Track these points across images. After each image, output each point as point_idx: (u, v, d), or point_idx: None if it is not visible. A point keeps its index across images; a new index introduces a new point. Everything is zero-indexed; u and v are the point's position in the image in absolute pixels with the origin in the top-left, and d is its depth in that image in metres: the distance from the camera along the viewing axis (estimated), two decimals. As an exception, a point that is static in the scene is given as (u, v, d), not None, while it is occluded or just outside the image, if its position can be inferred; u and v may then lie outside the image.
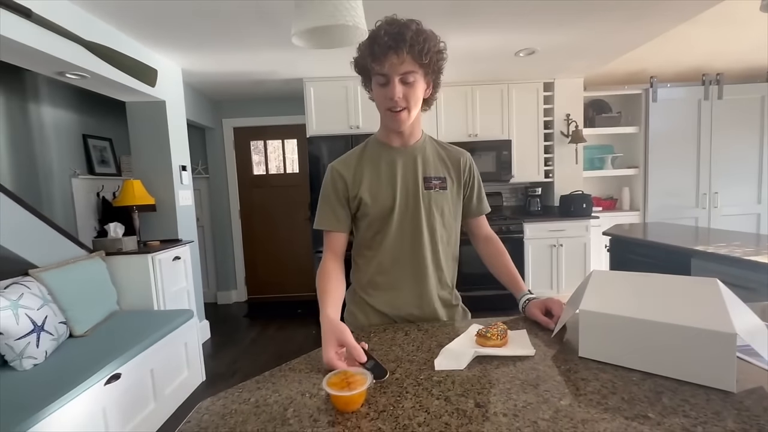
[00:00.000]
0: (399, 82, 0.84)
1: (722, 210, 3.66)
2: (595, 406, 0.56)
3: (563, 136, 3.54)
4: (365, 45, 0.86)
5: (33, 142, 2.63)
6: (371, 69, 0.86)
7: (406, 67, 0.83)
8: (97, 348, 1.69)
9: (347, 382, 0.59)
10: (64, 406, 1.32)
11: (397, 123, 0.90)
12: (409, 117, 0.90)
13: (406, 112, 0.88)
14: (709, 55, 3.36)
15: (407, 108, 0.88)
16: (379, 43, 0.82)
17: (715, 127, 3.59)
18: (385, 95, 0.87)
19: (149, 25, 2.10)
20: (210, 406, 0.61)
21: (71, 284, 1.87)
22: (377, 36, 0.83)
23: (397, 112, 0.88)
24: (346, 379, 0.59)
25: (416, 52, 0.82)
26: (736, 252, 1.66)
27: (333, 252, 0.95)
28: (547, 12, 2.19)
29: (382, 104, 0.89)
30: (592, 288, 0.74)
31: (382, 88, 0.87)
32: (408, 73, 0.84)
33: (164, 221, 2.68)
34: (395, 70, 0.83)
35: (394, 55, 0.82)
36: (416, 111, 0.91)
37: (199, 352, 2.32)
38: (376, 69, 0.85)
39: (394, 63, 0.82)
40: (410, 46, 0.82)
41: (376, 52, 0.83)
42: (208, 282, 3.98)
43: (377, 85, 0.88)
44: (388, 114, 0.89)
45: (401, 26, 0.82)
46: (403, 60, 0.82)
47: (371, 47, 0.84)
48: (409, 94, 0.86)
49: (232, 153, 3.92)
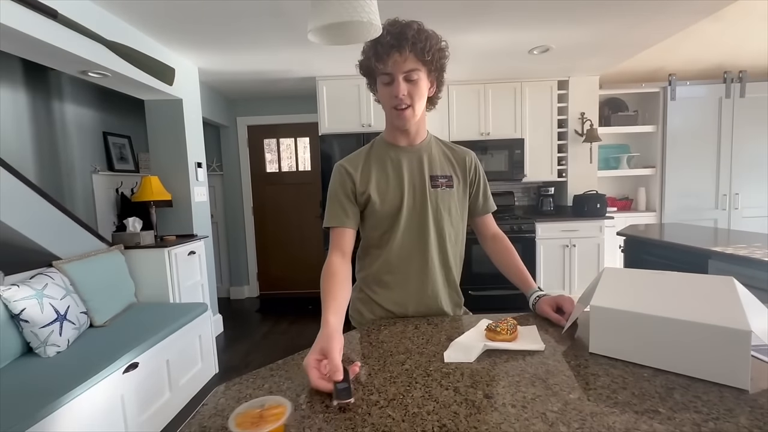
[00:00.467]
0: (403, 80, 0.87)
1: (743, 212, 3.55)
2: (604, 401, 0.56)
3: (577, 135, 3.49)
4: (369, 46, 0.88)
5: (56, 138, 2.73)
6: (375, 69, 0.88)
7: (409, 64, 0.86)
8: (116, 338, 1.74)
9: (260, 416, 0.49)
10: (86, 392, 1.37)
11: (403, 121, 0.91)
12: (414, 114, 0.91)
13: (411, 110, 0.90)
14: (730, 52, 3.27)
15: (412, 105, 0.89)
16: (382, 42, 0.85)
17: (736, 126, 3.49)
18: (390, 94, 0.89)
19: (168, 25, 2.16)
20: (226, 391, 0.63)
21: (92, 276, 1.93)
22: (380, 37, 0.84)
23: (402, 109, 0.89)
24: (262, 412, 0.50)
25: (418, 49, 0.85)
26: (756, 253, 1.62)
27: (340, 250, 0.90)
28: (562, 9, 2.16)
29: (388, 103, 0.91)
30: (604, 284, 0.74)
31: (386, 87, 0.89)
32: (411, 71, 0.86)
33: (180, 217, 2.75)
34: (399, 68, 0.86)
35: (396, 53, 0.84)
36: (421, 109, 0.92)
37: (212, 344, 2.37)
38: (380, 68, 0.87)
39: (398, 61, 0.85)
40: (412, 44, 0.84)
41: (379, 51, 0.85)
42: (221, 277, 4.05)
43: (382, 84, 0.90)
44: (394, 112, 0.91)
45: (403, 26, 0.85)
46: (406, 58, 0.85)
47: (374, 48, 0.86)
48: (413, 91, 0.88)
49: (245, 151, 3.99)
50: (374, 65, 0.88)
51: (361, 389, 0.62)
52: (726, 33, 2.90)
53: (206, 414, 0.57)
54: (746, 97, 3.46)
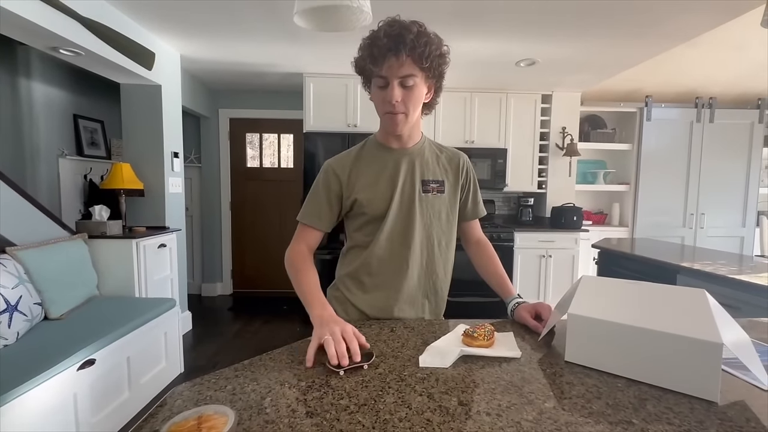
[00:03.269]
0: (398, 85, 0.83)
1: (708, 231, 3.73)
2: (579, 410, 0.55)
3: (558, 148, 3.58)
4: (365, 45, 0.84)
5: (21, 118, 2.56)
6: (370, 71, 0.85)
7: (406, 70, 0.82)
8: (72, 332, 1.63)
9: (198, 428, 0.45)
10: (33, 390, 1.27)
11: (395, 126, 0.88)
12: (407, 121, 0.88)
13: (404, 116, 0.87)
14: (703, 79, 3.44)
15: (405, 112, 0.86)
16: (378, 45, 0.80)
17: (705, 150, 3.67)
18: (383, 98, 0.85)
19: (151, 6, 2.07)
20: (184, 392, 0.59)
21: (50, 265, 1.81)
22: (377, 37, 0.81)
23: (394, 115, 0.86)
24: (200, 424, 0.45)
25: (416, 55, 0.80)
26: (721, 270, 1.68)
27: (306, 244, 0.96)
28: (550, 25, 2.22)
29: (381, 107, 0.88)
30: (581, 293, 0.74)
31: (380, 91, 0.86)
32: (407, 77, 0.82)
33: (152, 207, 2.63)
34: (394, 73, 0.82)
35: (393, 58, 0.80)
36: (415, 115, 0.89)
37: (179, 342, 2.27)
38: (374, 71, 0.84)
39: (393, 66, 0.81)
40: (410, 49, 0.80)
41: (375, 54, 0.81)
42: (193, 273, 3.91)
43: (376, 87, 0.87)
44: (386, 117, 0.88)
45: (402, 28, 0.80)
46: (402, 63, 0.81)
47: (370, 48, 0.82)
48: (408, 97, 0.85)
49: (226, 143, 3.87)
50: (368, 67, 0.84)
51: (331, 393, 0.58)
52: (700, 60, 3.05)
53: (160, 417, 0.52)
54: (715, 123, 3.65)
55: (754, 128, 3.68)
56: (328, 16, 0.68)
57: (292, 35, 2.40)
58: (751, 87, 3.57)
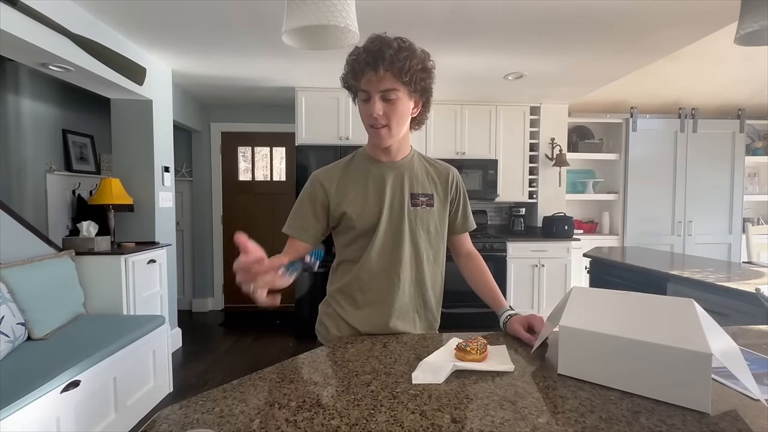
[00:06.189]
0: (379, 99, 0.84)
1: (696, 238, 3.79)
2: (572, 425, 0.54)
3: (548, 159, 3.63)
4: (348, 62, 0.87)
5: (8, 133, 2.53)
6: (353, 85, 0.87)
7: (386, 84, 0.83)
8: (57, 352, 1.58)
9: None
10: (13, 414, 1.22)
11: (379, 140, 0.89)
12: (391, 134, 0.89)
13: (387, 130, 0.87)
14: (685, 90, 3.55)
15: (388, 125, 0.87)
16: (359, 60, 0.83)
17: (690, 159, 3.75)
18: (366, 111, 0.87)
19: (141, 23, 2.08)
20: (170, 415, 0.57)
21: (34, 283, 1.77)
22: (358, 53, 0.84)
23: (377, 128, 0.87)
24: None
25: (396, 69, 0.82)
26: (709, 278, 1.71)
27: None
28: (535, 40, 2.28)
29: (365, 120, 0.89)
30: (572, 304, 0.74)
31: (364, 104, 0.88)
32: (388, 91, 0.84)
33: (142, 223, 2.59)
34: (374, 87, 0.83)
35: (371, 72, 0.82)
36: (400, 129, 0.90)
37: (168, 361, 2.21)
38: (355, 86, 0.86)
39: (372, 80, 0.83)
40: (390, 63, 0.81)
41: (355, 69, 0.84)
42: (184, 288, 3.84)
43: (360, 101, 0.89)
44: (371, 130, 0.89)
45: (382, 44, 0.82)
46: (381, 78, 0.82)
47: (352, 64, 0.85)
48: (391, 111, 0.85)
49: (218, 157, 3.86)
50: (350, 81, 0.87)
51: (322, 413, 0.57)
52: (681, 72, 3.15)
53: (144, 442, 0.50)
54: (698, 132, 3.74)
55: (736, 137, 3.79)
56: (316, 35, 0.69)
57: (284, 51, 2.43)
58: (731, 98, 3.69)
